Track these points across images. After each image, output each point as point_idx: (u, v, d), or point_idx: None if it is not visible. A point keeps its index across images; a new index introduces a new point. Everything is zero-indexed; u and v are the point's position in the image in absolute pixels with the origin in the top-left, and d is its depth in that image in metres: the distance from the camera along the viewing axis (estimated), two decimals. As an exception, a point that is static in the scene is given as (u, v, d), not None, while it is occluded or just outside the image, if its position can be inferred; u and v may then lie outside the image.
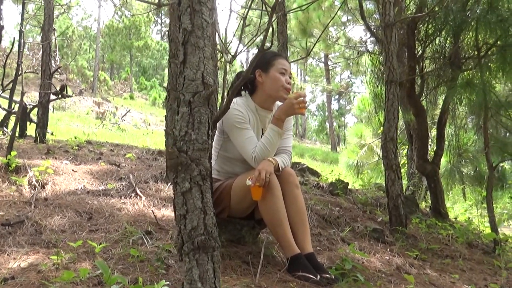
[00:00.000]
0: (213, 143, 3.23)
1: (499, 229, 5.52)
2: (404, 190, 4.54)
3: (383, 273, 3.28)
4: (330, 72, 33.68)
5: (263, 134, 3.26)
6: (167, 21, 62.86)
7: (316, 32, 22.41)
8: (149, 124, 27.78)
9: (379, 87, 6.13)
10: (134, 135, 15.25)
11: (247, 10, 2.37)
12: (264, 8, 2.42)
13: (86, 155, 5.45)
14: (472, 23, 4.41)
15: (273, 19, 2.44)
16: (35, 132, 5.98)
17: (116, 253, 2.94)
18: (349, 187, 5.51)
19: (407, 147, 8.13)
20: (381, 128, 10.23)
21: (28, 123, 6.40)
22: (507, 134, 6.31)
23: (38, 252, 2.90)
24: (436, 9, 4.76)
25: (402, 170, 9.74)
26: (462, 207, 7.29)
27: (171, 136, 4.48)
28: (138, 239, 3.18)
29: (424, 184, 6.54)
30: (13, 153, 4.20)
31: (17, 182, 4.01)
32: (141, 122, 28.22)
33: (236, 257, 3.11)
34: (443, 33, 5.10)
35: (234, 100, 3.17)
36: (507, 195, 9.08)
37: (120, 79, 42.92)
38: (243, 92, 3.35)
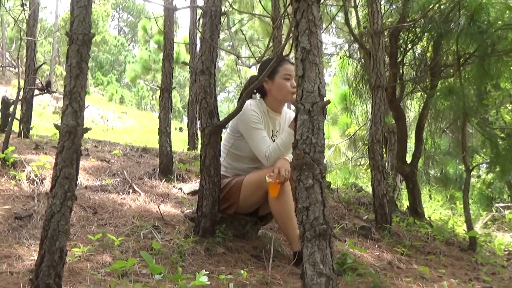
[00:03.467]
0: (223, 141, 3.40)
1: (464, 227, 5.87)
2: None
3: (378, 267, 3.50)
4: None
5: (272, 135, 3.47)
6: (125, 16, 62.16)
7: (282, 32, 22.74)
8: (107, 120, 27.52)
9: (362, 89, 6.39)
10: (94, 131, 15.12)
11: (278, 19, 2.54)
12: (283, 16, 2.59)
13: (73, 151, 5.50)
14: (454, 34, 4.69)
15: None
16: (19, 127, 6.00)
17: (131, 246, 3.06)
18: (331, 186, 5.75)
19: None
20: (348, 129, 10.52)
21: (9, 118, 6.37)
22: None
23: (56, 245, 3.00)
24: (417, 17, 5.03)
25: (369, 170, 10.11)
26: (430, 207, 7.63)
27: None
28: (148, 233, 3.31)
29: (397, 184, 6.84)
30: (11, 148, 4.24)
31: (16, 177, 4.06)
32: (99, 118, 27.94)
33: (243, 251, 3.28)
34: (424, 41, 5.39)
35: (249, 102, 3.36)
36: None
37: (76, 74, 42.19)
38: (254, 95, 3.53)
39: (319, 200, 1.72)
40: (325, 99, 1.76)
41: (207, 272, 2.25)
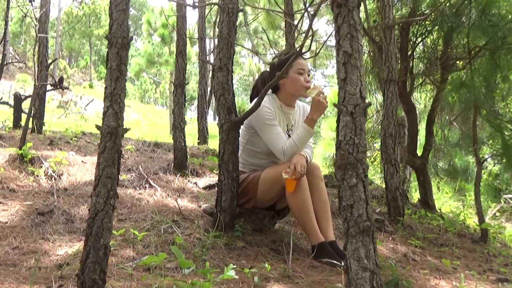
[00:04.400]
0: (239, 137, 3.45)
1: (474, 219, 5.93)
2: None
3: (393, 259, 3.55)
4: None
5: (288, 130, 3.51)
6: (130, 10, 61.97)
7: (283, 25, 22.69)
8: (112, 114, 27.53)
9: (371, 82, 6.43)
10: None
11: (301, 17, 2.59)
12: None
13: (87, 146, 5.56)
14: (466, 27, 4.73)
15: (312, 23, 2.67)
16: (32, 123, 6.05)
17: (153, 241, 3.12)
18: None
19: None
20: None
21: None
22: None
23: (81, 240, 3.06)
24: (427, 12, 5.08)
25: (375, 162, 10.16)
26: (439, 199, 7.68)
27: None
28: (168, 228, 3.37)
29: (407, 177, 6.89)
30: (29, 144, 4.30)
31: (35, 173, 4.12)
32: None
33: (262, 244, 3.34)
34: (434, 35, 5.43)
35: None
36: (471, 187, 9.58)
37: (79, 68, 42.34)
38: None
39: (363, 198, 1.79)
40: (366, 101, 1.83)
41: (235, 266, 2.30)
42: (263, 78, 3.64)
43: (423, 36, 5.65)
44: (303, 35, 2.87)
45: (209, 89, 8.02)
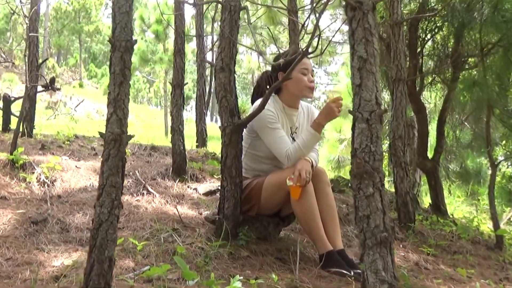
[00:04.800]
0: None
1: (488, 225, 5.95)
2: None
3: (405, 268, 3.57)
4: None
5: (292, 132, 3.52)
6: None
7: (284, 21, 22.69)
8: (103, 115, 27.56)
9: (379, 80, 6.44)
10: (93, 127, 15.15)
11: (307, 17, 2.61)
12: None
13: (80, 150, 5.58)
14: (478, 23, 4.76)
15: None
16: (22, 125, 6.06)
17: (153, 251, 3.13)
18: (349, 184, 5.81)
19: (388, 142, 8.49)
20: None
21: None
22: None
23: (77, 250, 3.08)
24: (438, 7, 5.10)
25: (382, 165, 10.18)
26: (451, 203, 7.70)
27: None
28: (168, 236, 3.38)
29: (417, 180, 6.90)
30: (20, 149, 4.31)
31: (27, 179, 4.14)
32: (94, 112, 28.02)
33: (268, 253, 3.35)
34: (444, 31, 5.45)
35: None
36: (484, 191, 9.60)
37: (69, 66, 42.33)
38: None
39: (380, 208, 1.82)
40: (382, 107, 1.85)
41: (241, 278, 2.32)
42: (266, 77, 3.65)
43: (433, 33, 5.67)
44: (308, 33, 2.89)
45: (207, 89, 8.03)
